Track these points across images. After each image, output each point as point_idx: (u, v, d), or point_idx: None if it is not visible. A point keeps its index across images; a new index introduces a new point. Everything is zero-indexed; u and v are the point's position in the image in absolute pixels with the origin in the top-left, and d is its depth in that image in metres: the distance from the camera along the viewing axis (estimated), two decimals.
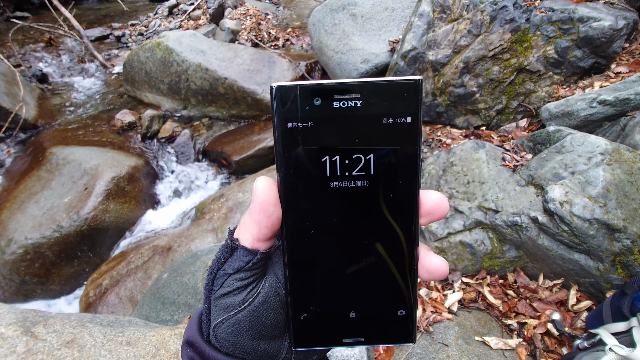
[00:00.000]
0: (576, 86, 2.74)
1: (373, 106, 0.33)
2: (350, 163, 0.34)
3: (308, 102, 0.33)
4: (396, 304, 0.38)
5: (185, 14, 7.40)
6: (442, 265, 0.36)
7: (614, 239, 1.62)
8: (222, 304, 0.37)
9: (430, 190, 0.36)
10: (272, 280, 0.38)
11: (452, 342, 1.68)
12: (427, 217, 0.36)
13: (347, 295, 0.38)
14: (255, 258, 0.36)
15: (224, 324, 0.37)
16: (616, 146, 1.79)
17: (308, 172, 0.35)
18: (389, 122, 0.33)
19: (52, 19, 6.21)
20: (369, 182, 0.35)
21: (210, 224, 2.88)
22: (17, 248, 2.93)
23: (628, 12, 2.67)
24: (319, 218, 0.36)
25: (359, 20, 3.85)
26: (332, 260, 0.37)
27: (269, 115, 4.29)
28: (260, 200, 0.34)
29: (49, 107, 4.84)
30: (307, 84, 0.33)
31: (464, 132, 3.11)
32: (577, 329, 1.67)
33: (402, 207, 0.36)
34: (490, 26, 2.86)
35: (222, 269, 0.37)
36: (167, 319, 1.88)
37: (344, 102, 0.33)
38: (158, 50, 4.46)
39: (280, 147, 0.34)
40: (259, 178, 0.36)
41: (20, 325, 1.14)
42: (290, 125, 0.33)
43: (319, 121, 0.33)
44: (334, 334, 0.38)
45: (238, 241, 0.36)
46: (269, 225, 0.35)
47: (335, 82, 0.33)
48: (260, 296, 0.37)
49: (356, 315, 0.38)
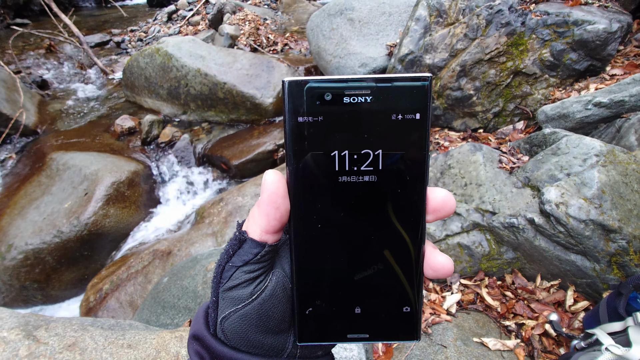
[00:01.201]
0: (572, 88, 2.77)
1: (383, 102, 0.33)
2: (359, 158, 0.35)
3: (318, 96, 0.33)
4: (401, 301, 0.38)
5: (185, 19, 7.45)
6: (447, 263, 0.36)
7: (609, 239, 1.63)
8: (229, 296, 0.37)
9: (437, 188, 0.36)
10: (279, 274, 0.38)
11: (450, 344, 1.69)
12: (434, 214, 0.36)
13: (353, 290, 0.38)
14: (264, 250, 0.36)
15: (231, 317, 0.37)
16: (611, 148, 1.81)
17: (317, 166, 0.35)
18: (398, 118, 0.34)
19: (52, 26, 6.26)
20: (377, 178, 0.35)
21: (210, 228, 2.90)
22: (18, 254, 2.94)
23: (622, 15, 2.70)
24: (326, 212, 0.36)
25: (357, 25, 3.88)
26: (339, 255, 0.37)
27: (268, 119, 4.31)
28: (269, 192, 0.35)
29: (49, 113, 4.87)
30: (318, 79, 0.33)
31: (462, 135, 3.13)
32: (575, 330, 1.68)
33: (409, 203, 0.36)
34: (486, 30, 2.89)
35: (230, 262, 0.37)
36: (168, 323, 1.89)
37: (354, 98, 0.33)
38: (157, 55, 4.49)
39: (291, 140, 0.34)
40: (268, 171, 0.36)
41: (22, 329, 1.16)
42: (301, 119, 0.34)
43: (329, 116, 0.34)
44: (339, 329, 0.38)
45: (246, 233, 0.36)
46: (277, 218, 0.35)
47: (346, 77, 0.33)
48: (268, 289, 0.37)
49: (361, 311, 0.38)
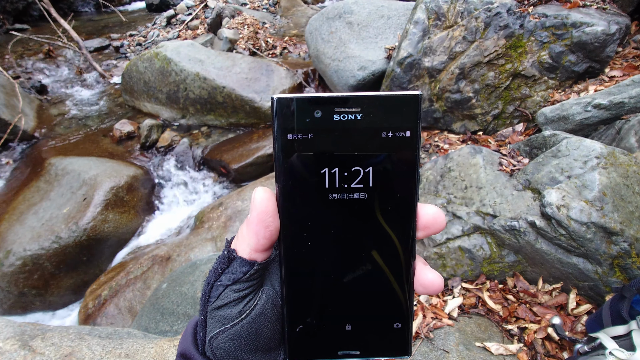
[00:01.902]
0: (571, 90, 2.76)
1: (373, 120, 0.33)
2: (349, 175, 0.34)
3: (308, 114, 0.33)
4: (392, 317, 0.38)
5: (184, 24, 7.46)
6: (437, 280, 0.36)
7: (611, 242, 1.62)
8: (218, 316, 0.36)
9: (427, 205, 0.37)
10: (269, 292, 0.37)
11: (452, 348, 1.67)
12: (424, 230, 0.37)
13: (344, 307, 0.38)
14: (253, 269, 0.35)
15: (220, 337, 0.36)
16: (611, 150, 1.80)
17: (307, 184, 0.34)
18: (388, 135, 0.34)
19: (51, 31, 6.26)
20: (367, 195, 0.35)
21: (209, 232, 2.88)
22: (16, 260, 2.92)
23: (620, 17, 2.70)
24: (317, 230, 0.36)
25: (355, 28, 3.88)
26: (330, 272, 0.37)
27: (267, 123, 4.31)
28: (259, 211, 0.34)
29: (47, 118, 4.86)
30: (308, 96, 0.33)
31: (461, 138, 3.12)
32: (578, 333, 1.66)
33: (399, 220, 0.36)
34: (484, 32, 2.89)
35: (219, 280, 0.36)
36: (167, 330, 1.87)
37: (344, 115, 0.33)
38: (156, 60, 4.49)
39: (280, 157, 0.34)
40: (258, 188, 0.35)
41: (18, 339, 1.14)
42: (291, 136, 0.33)
43: (318, 133, 0.33)
44: (330, 346, 0.38)
45: (235, 252, 0.36)
46: (267, 236, 0.35)
47: (335, 95, 0.33)
48: (257, 308, 0.36)
49: (352, 327, 0.38)
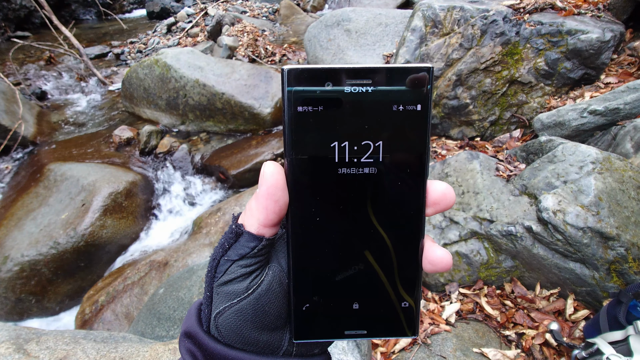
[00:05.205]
0: (567, 97, 2.78)
1: (383, 92, 0.33)
2: (359, 149, 0.34)
3: (319, 86, 0.32)
4: (400, 296, 0.37)
5: (184, 31, 7.53)
6: (445, 257, 0.35)
7: (607, 247, 1.63)
8: (224, 291, 0.35)
9: (436, 181, 0.36)
10: (275, 269, 0.36)
11: (450, 354, 1.66)
12: (434, 207, 0.36)
13: (351, 285, 0.36)
14: (261, 244, 0.35)
15: (226, 313, 0.35)
16: (607, 155, 1.81)
17: (316, 157, 0.34)
18: (399, 109, 0.33)
19: (52, 38, 6.31)
20: (377, 170, 0.34)
21: (207, 238, 2.88)
22: (13, 265, 2.91)
23: (614, 25, 2.74)
24: (325, 204, 0.35)
25: (354, 36, 3.93)
26: (337, 249, 0.36)
27: (266, 129, 4.33)
28: (268, 185, 0.33)
29: (47, 124, 4.88)
30: (318, 67, 0.32)
31: (459, 143, 3.13)
32: (575, 339, 1.66)
33: (409, 195, 0.35)
34: (481, 40, 2.93)
35: (226, 255, 0.36)
36: (163, 335, 1.86)
37: (355, 88, 0.32)
38: (156, 66, 4.52)
39: (290, 131, 0.33)
40: (267, 162, 0.35)
41: (12, 342, 1.14)
42: (301, 109, 0.33)
43: (329, 106, 0.33)
44: (336, 325, 0.37)
45: (243, 227, 0.35)
46: (276, 211, 0.34)
47: (346, 66, 0.32)
48: (264, 284, 0.35)
49: (359, 306, 0.37)
